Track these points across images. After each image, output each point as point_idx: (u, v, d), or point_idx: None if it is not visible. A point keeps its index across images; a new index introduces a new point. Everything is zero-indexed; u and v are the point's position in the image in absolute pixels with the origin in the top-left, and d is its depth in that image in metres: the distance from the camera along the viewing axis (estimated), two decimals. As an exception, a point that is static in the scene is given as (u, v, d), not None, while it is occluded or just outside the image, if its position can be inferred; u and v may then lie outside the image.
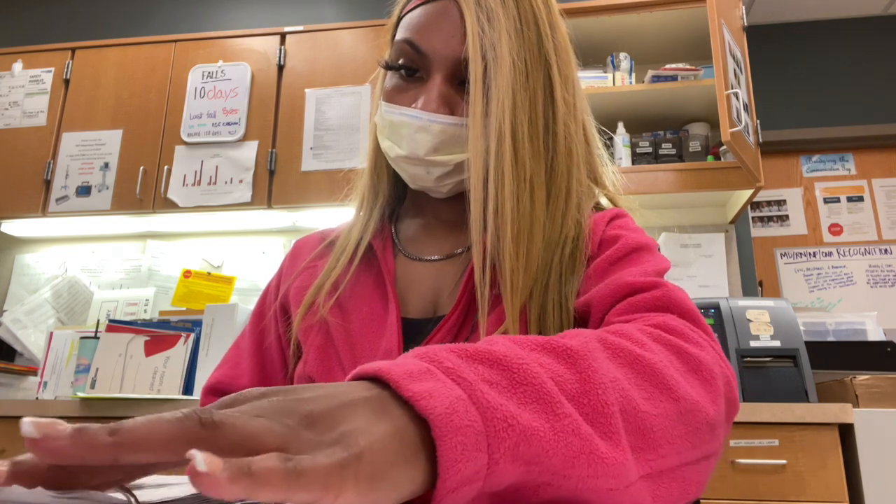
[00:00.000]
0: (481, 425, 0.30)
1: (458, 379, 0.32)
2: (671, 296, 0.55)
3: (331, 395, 0.29)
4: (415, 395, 0.29)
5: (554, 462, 0.33)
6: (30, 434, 0.22)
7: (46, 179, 2.55)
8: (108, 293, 2.58)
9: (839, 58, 3.19)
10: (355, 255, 0.72)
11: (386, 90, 0.69)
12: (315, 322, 0.69)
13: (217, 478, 0.21)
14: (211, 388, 0.76)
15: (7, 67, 2.74)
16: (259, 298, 0.82)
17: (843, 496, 1.51)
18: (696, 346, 0.48)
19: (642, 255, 0.63)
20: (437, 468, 0.29)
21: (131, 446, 0.23)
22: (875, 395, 1.62)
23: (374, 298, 0.69)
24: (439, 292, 0.69)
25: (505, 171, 0.61)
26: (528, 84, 0.64)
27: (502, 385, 0.33)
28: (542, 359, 0.38)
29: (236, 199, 2.42)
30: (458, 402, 0.30)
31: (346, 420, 0.28)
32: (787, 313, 1.82)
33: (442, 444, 0.29)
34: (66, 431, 0.22)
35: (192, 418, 0.24)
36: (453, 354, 0.34)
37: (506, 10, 0.63)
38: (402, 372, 0.31)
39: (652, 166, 2.28)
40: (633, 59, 2.46)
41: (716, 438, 0.45)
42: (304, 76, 2.53)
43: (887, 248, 3.04)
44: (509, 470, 0.31)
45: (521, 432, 0.32)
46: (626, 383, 0.40)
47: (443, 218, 0.74)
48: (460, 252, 0.71)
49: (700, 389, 0.45)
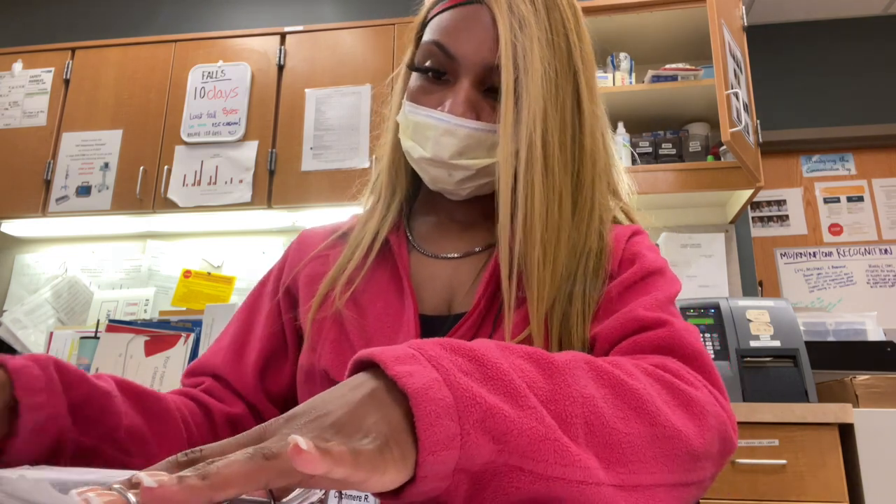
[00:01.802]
0: (452, 400, 0.35)
1: (437, 365, 0.37)
2: (676, 336, 0.56)
3: (342, 403, 0.35)
4: (397, 374, 0.35)
5: (520, 442, 0.37)
6: (149, 485, 0.27)
7: (46, 179, 2.55)
8: (108, 293, 2.58)
9: (839, 58, 3.19)
10: (371, 250, 0.72)
11: (410, 90, 0.69)
12: (329, 315, 0.68)
13: (313, 454, 0.28)
14: (189, 370, 0.77)
15: (7, 67, 2.74)
16: (255, 286, 0.81)
17: (843, 496, 1.52)
18: (689, 385, 0.50)
19: (655, 280, 0.64)
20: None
21: (221, 486, 0.28)
22: (875, 395, 1.62)
23: (390, 293, 0.69)
24: (455, 290, 0.69)
25: (535, 178, 0.61)
26: (558, 94, 0.64)
27: (475, 376, 0.38)
28: (522, 364, 0.42)
29: (236, 199, 2.42)
30: (433, 381, 0.35)
31: (364, 417, 0.34)
32: (787, 313, 1.82)
33: (417, 411, 0.34)
34: (174, 480, 0.28)
35: (258, 454, 0.30)
36: (438, 346, 0.39)
37: (537, 18, 0.64)
38: (391, 356, 0.36)
39: (652, 166, 2.28)
40: (633, 59, 2.46)
41: (700, 469, 0.47)
42: (304, 76, 2.53)
43: (887, 248, 3.04)
44: (481, 442, 0.36)
45: (486, 409, 0.36)
46: (601, 402, 0.43)
47: (457, 218, 0.74)
48: (478, 251, 0.71)
49: (686, 421, 0.46)
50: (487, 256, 0.69)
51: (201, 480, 0.28)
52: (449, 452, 0.34)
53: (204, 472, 0.28)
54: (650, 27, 2.43)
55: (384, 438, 0.33)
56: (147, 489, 0.27)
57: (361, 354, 0.38)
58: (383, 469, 0.32)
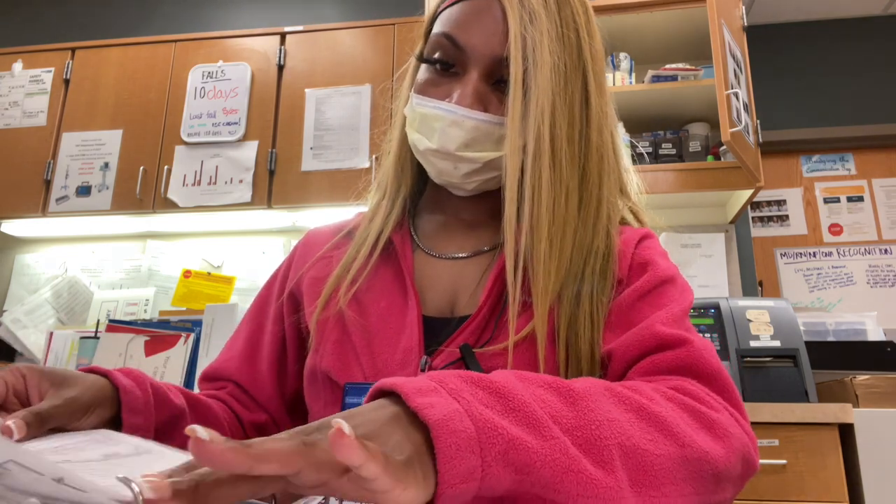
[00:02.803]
0: (474, 431, 0.35)
1: (458, 397, 0.37)
2: (695, 356, 0.55)
3: (366, 420, 0.35)
4: (419, 406, 0.35)
5: (543, 474, 0.37)
6: (202, 436, 0.27)
7: (46, 179, 2.55)
8: (108, 293, 2.58)
9: (839, 58, 3.19)
10: (375, 249, 0.71)
11: (418, 83, 0.68)
12: (332, 315, 0.68)
13: (353, 441, 0.29)
14: (205, 375, 0.77)
15: (7, 67, 2.74)
16: (264, 285, 0.81)
17: (843, 496, 1.51)
18: (710, 408, 0.50)
19: (668, 290, 0.63)
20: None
21: (261, 457, 0.29)
22: (875, 395, 1.62)
23: (393, 293, 0.68)
24: (458, 291, 0.68)
25: (542, 172, 0.61)
26: (567, 88, 0.64)
27: (497, 408, 0.38)
28: (543, 394, 0.42)
29: (236, 199, 2.42)
30: (454, 413, 0.35)
31: (390, 435, 0.34)
32: (787, 313, 1.82)
33: (438, 444, 0.34)
34: (222, 440, 0.28)
35: (296, 438, 0.31)
36: (458, 379, 0.39)
37: (548, 12, 0.64)
38: (413, 388, 0.36)
39: (652, 166, 2.28)
40: (633, 59, 2.46)
41: (722, 491, 0.47)
42: (304, 76, 2.53)
43: (887, 248, 3.04)
44: (501, 475, 0.36)
45: (509, 441, 0.36)
46: (628, 425, 0.43)
47: (463, 217, 0.74)
48: (485, 251, 0.70)
49: (711, 443, 0.47)
50: (493, 257, 0.69)
51: (246, 448, 0.29)
52: (468, 485, 0.34)
53: (247, 442, 0.29)
54: (650, 27, 2.43)
55: (408, 456, 0.33)
56: (198, 440, 0.27)
57: (383, 384, 0.38)
58: (406, 483, 0.32)
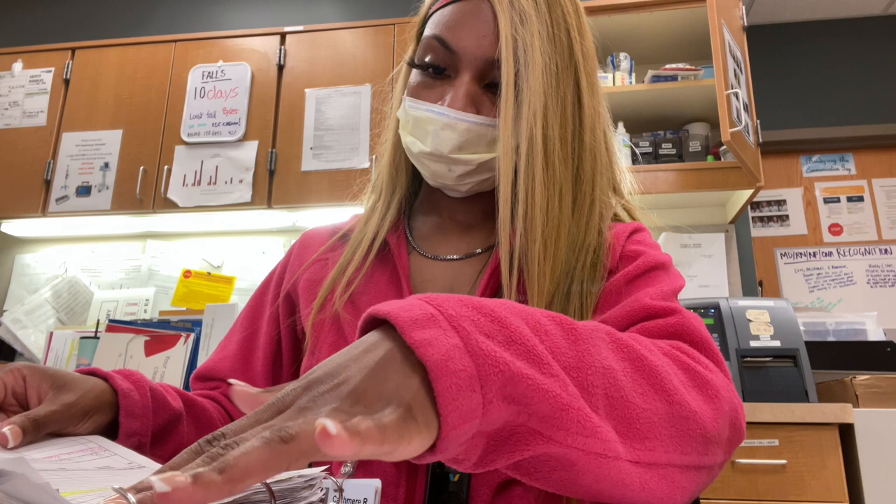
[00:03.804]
0: (474, 369, 0.34)
1: (457, 326, 0.35)
2: (686, 323, 0.56)
3: (359, 368, 0.33)
4: (416, 343, 0.33)
5: (542, 408, 0.36)
6: (162, 489, 0.25)
7: (46, 179, 2.55)
8: (108, 293, 2.58)
9: (839, 58, 3.19)
10: (370, 251, 0.71)
11: (411, 85, 0.69)
12: (328, 317, 0.68)
13: (343, 437, 0.27)
14: (198, 374, 0.77)
15: (7, 67, 2.74)
16: (259, 286, 0.81)
17: (843, 496, 1.51)
18: (705, 368, 0.49)
19: (659, 274, 0.63)
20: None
21: (239, 479, 0.26)
22: (875, 395, 1.62)
23: (388, 295, 0.68)
24: (454, 292, 0.68)
25: (536, 173, 0.61)
26: (558, 89, 0.64)
27: (498, 338, 0.36)
28: (547, 326, 0.40)
29: (236, 199, 2.42)
30: (453, 349, 0.33)
31: (383, 382, 0.32)
32: (787, 313, 1.82)
33: (437, 386, 0.32)
34: (188, 481, 0.25)
35: (275, 439, 0.28)
36: (459, 304, 0.37)
37: (539, 13, 0.64)
38: (409, 319, 0.34)
39: (652, 166, 2.28)
40: (633, 59, 2.46)
41: (711, 454, 0.46)
42: (304, 76, 2.53)
43: (887, 248, 3.04)
44: (502, 408, 0.35)
45: (510, 375, 0.35)
46: (622, 375, 0.42)
47: (458, 218, 0.74)
48: (479, 252, 0.70)
49: (701, 403, 0.46)
50: (487, 258, 0.69)
51: (218, 475, 0.26)
52: (471, 423, 0.34)
53: (221, 464, 0.27)
54: (650, 27, 2.43)
55: (406, 405, 0.32)
56: (161, 495, 0.25)
57: (376, 310, 0.36)
58: (409, 439, 0.31)
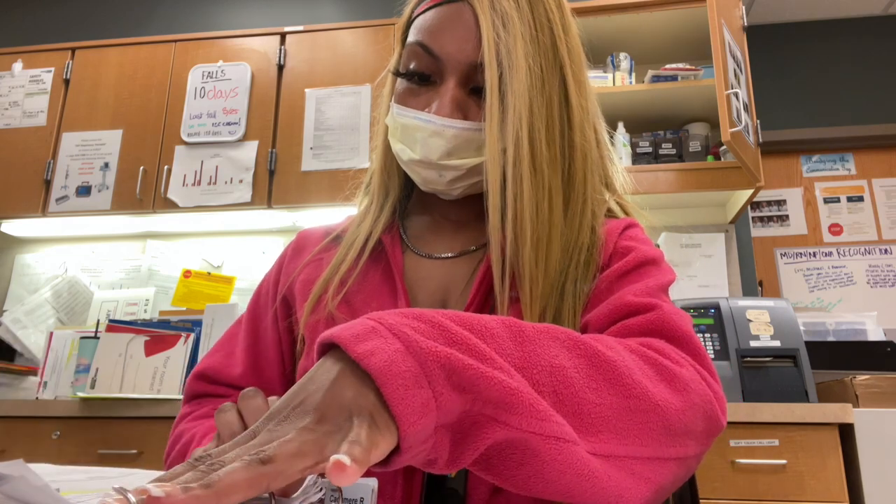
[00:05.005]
0: (418, 368, 0.36)
1: (398, 333, 0.37)
2: (665, 318, 0.55)
3: (317, 387, 0.35)
4: (359, 355, 0.35)
5: (491, 393, 0.37)
6: (157, 494, 0.27)
7: (46, 179, 2.55)
8: (108, 293, 2.58)
9: (839, 58, 3.19)
10: (364, 250, 0.71)
11: (398, 92, 0.68)
12: (322, 317, 0.68)
13: (354, 470, 0.30)
14: (200, 373, 0.76)
15: (7, 67, 2.74)
16: (256, 289, 0.80)
17: (844, 496, 1.51)
18: (674, 362, 0.49)
19: (649, 269, 0.63)
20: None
21: (225, 493, 0.29)
22: (875, 395, 1.62)
23: (383, 294, 0.68)
24: (449, 290, 0.68)
25: (523, 177, 0.61)
26: (543, 89, 0.63)
27: (440, 340, 0.38)
28: (494, 328, 0.42)
29: (236, 199, 2.42)
30: (395, 354, 0.36)
31: (341, 395, 0.35)
32: (787, 313, 1.82)
33: (385, 390, 0.34)
34: (179, 490, 0.28)
35: (254, 461, 0.31)
36: (399, 315, 0.39)
37: (520, 14, 0.63)
38: (350, 336, 0.37)
39: (652, 166, 2.28)
40: (633, 59, 2.46)
41: (679, 445, 0.46)
42: (304, 76, 2.53)
43: (887, 248, 3.03)
44: (453, 398, 0.36)
45: (452, 366, 0.36)
46: (573, 371, 0.43)
47: (451, 217, 0.74)
48: (473, 250, 0.70)
49: (668, 396, 0.46)
50: (481, 255, 0.69)
51: (205, 489, 0.29)
52: (427, 418, 0.35)
53: (207, 480, 0.29)
54: (650, 27, 2.43)
55: (368, 413, 0.34)
56: (153, 499, 0.27)
57: (324, 336, 0.38)
58: (378, 443, 0.33)
